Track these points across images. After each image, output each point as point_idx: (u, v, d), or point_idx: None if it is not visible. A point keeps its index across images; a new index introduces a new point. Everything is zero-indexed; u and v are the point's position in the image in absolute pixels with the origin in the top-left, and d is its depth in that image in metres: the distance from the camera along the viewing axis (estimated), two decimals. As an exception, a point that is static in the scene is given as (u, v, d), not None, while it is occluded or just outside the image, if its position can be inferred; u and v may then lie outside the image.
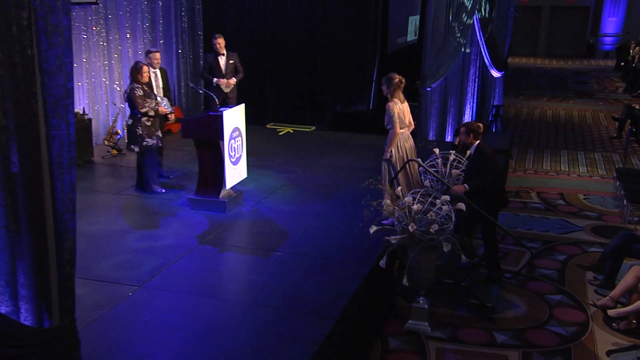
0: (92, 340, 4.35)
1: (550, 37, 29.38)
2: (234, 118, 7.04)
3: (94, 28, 9.58)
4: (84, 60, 9.41)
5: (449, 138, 11.13)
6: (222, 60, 9.29)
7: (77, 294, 2.96)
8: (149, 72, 7.55)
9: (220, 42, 9.24)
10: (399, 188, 6.22)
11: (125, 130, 9.47)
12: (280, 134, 11.12)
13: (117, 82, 10.10)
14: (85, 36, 9.36)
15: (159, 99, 7.64)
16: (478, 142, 6.38)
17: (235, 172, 7.16)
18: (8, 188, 2.35)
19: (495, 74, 12.83)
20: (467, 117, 11.49)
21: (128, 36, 10.23)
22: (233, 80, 9.35)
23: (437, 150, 6.82)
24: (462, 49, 11.01)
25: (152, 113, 7.34)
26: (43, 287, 2.51)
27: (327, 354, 4.52)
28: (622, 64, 22.97)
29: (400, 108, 6.51)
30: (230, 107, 7.29)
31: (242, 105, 7.39)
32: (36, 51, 2.35)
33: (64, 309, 2.63)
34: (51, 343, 2.57)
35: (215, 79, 9.30)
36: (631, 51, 21.54)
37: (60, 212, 2.52)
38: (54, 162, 2.46)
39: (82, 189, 7.58)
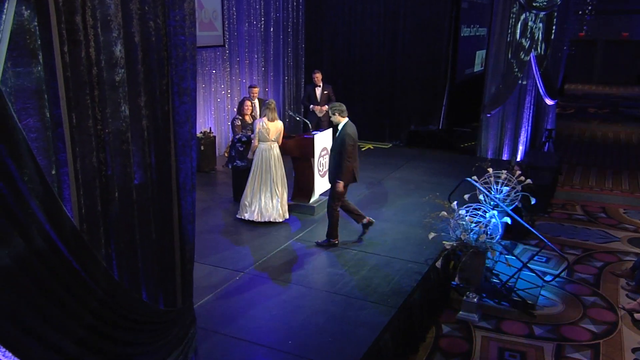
0: (207, 313, 4.64)
1: (604, 66, 27.66)
2: (323, 140, 7.21)
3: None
4: (213, 90, 9.88)
5: (505, 157, 10.82)
6: (318, 91, 9.47)
7: (196, 277, 3.06)
8: (251, 105, 7.55)
9: (318, 76, 9.44)
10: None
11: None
12: (363, 149, 11.14)
13: (236, 107, 10.53)
14: (214, 71, 9.84)
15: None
16: (345, 120, 6.06)
17: (322, 183, 7.32)
18: (150, 210, 2.60)
19: (549, 102, 12.28)
20: (522, 139, 11.07)
21: (246, 70, 10.65)
22: (326, 107, 9.47)
23: (490, 170, 6.71)
24: (520, 82, 10.66)
25: (244, 139, 7.30)
26: (171, 279, 2.74)
27: (388, 337, 4.59)
28: (670, 91, 21.32)
29: (264, 126, 6.60)
30: (321, 130, 7.46)
31: (330, 130, 7.49)
32: (171, 107, 2.61)
33: (185, 295, 2.86)
34: (176, 319, 2.80)
35: (311, 106, 9.54)
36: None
37: (184, 224, 2.74)
38: (180, 188, 2.69)
39: (205, 193, 7.97)
